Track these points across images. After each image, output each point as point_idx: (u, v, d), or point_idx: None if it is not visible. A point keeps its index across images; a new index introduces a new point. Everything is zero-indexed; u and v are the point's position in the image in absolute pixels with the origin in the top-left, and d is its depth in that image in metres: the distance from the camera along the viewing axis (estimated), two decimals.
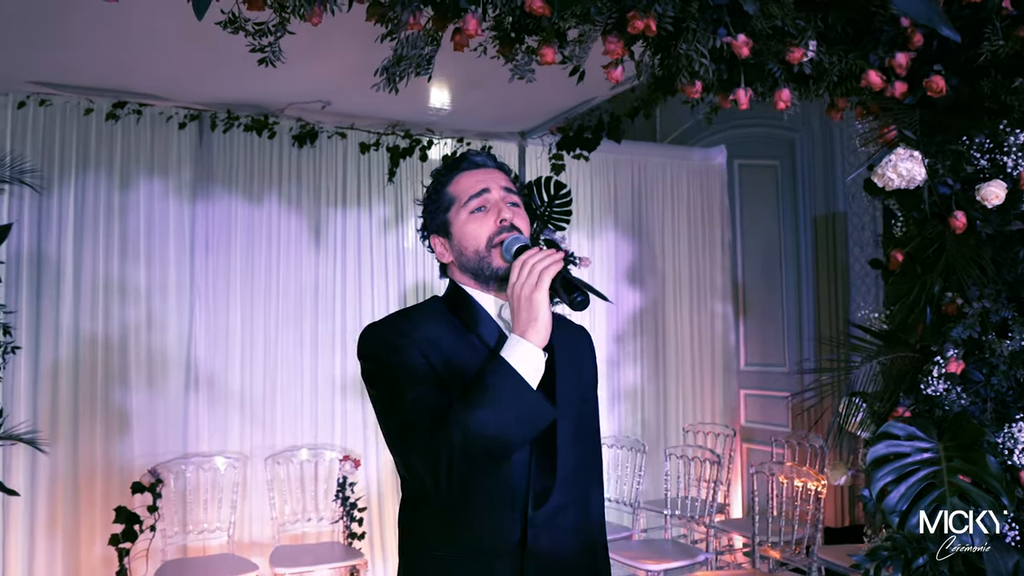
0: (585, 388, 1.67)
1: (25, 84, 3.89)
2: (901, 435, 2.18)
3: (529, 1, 1.83)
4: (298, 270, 4.67)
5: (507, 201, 1.57)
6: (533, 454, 1.50)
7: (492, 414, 1.36)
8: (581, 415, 1.62)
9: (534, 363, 1.40)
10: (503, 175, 1.63)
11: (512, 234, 1.53)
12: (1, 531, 3.97)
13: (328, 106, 4.19)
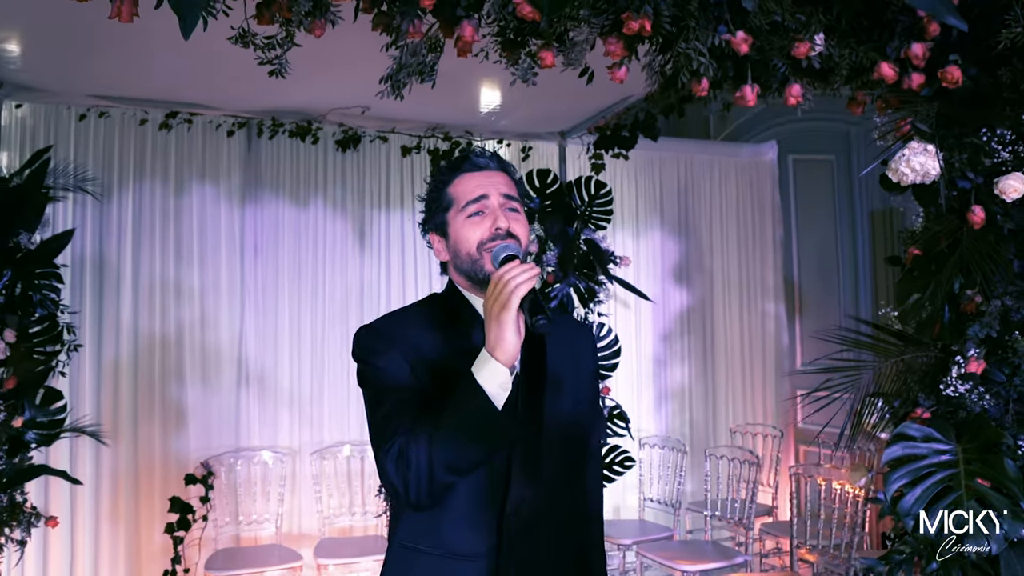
0: (580, 390, 1.66)
1: (85, 97, 4.11)
2: (918, 436, 2.13)
3: (519, 7, 1.86)
4: (343, 271, 4.80)
5: (506, 207, 1.57)
6: (513, 460, 1.51)
7: (455, 431, 1.40)
8: (572, 418, 1.62)
9: (499, 382, 1.40)
10: (505, 177, 1.62)
11: (504, 242, 1.53)
12: (70, 518, 4.20)
13: (368, 111, 4.29)
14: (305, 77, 3.93)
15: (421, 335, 1.56)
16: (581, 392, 1.67)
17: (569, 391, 1.63)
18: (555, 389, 1.59)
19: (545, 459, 1.55)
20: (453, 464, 1.41)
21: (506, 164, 1.68)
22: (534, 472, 1.52)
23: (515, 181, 1.67)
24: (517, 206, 1.61)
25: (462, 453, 1.41)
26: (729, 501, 4.32)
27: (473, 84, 4.01)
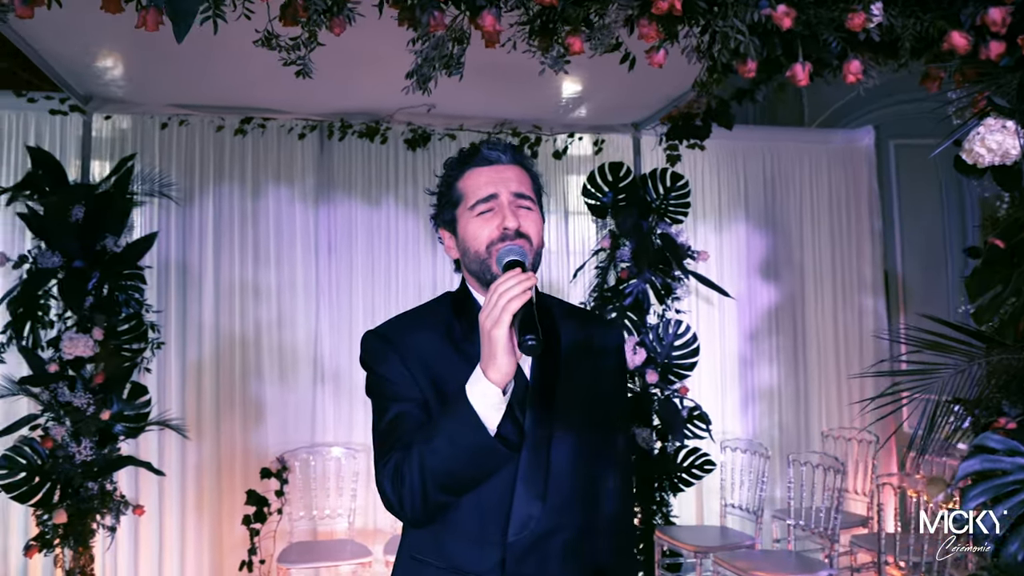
0: (599, 400, 1.55)
1: (166, 107, 4.27)
2: (1000, 449, 1.92)
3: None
4: (416, 269, 4.81)
5: (517, 205, 1.48)
6: (519, 477, 1.43)
7: (445, 450, 1.34)
8: (588, 432, 1.51)
9: (491, 401, 1.33)
10: (518, 172, 1.53)
11: (509, 243, 1.45)
12: (159, 508, 4.39)
13: (433, 109, 4.28)
14: (367, 77, 3.97)
15: (427, 339, 1.49)
16: (600, 402, 1.56)
17: (585, 402, 1.53)
18: (569, 401, 1.50)
19: (555, 475, 1.46)
20: (445, 484, 1.36)
21: (521, 156, 1.57)
22: (541, 489, 1.44)
23: (531, 174, 1.57)
24: (530, 203, 1.51)
25: (452, 474, 1.36)
26: (814, 510, 4.06)
27: (541, 77, 3.92)
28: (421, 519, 1.41)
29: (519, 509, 1.42)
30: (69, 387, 3.81)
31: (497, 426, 1.34)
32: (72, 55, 3.64)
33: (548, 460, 1.45)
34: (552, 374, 1.50)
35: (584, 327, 1.62)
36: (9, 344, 3.79)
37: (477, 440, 1.32)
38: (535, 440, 1.45)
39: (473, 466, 1.35)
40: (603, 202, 4.51)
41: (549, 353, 1.50)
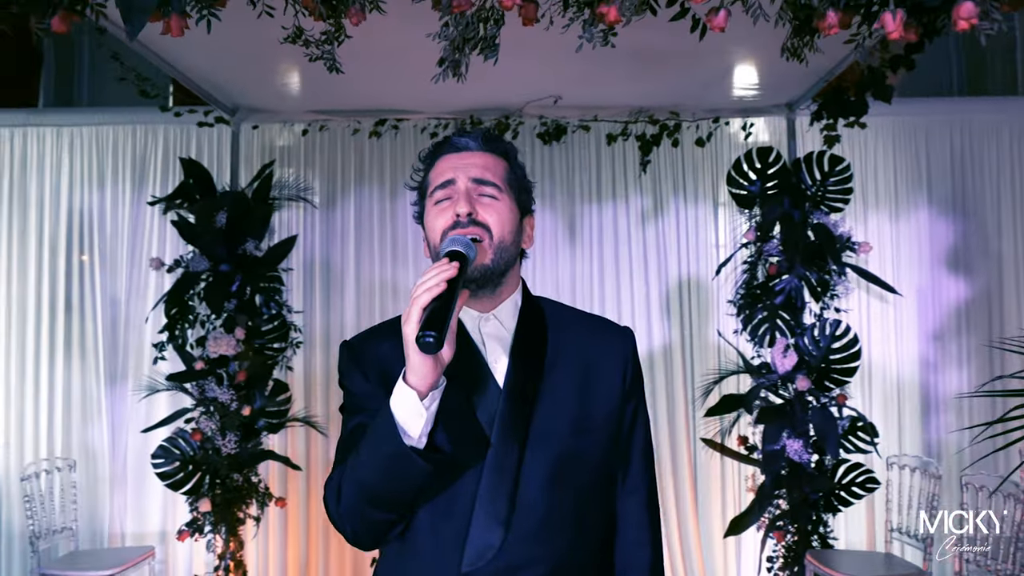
0: (588, 418, 1.34)
1: (305, 114, 4.43)
2: None
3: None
4: (554, 267, 4.67)
5: (478, 192, 1.32)
6: (477, 499, 1.25)
7: (367, 460, 1.22)
8: (570, 453, 1.30)
9: (409, 407, 1.17)
10: (485, 158, 1.36)
11: (461, 231, 1.29)
12: (306, 502, 4.58)
13: (560, 100, 4.11)
14: (493, 71, 3.87)
15: (388, 348, 1.34)
16: (589, 422, 1.34)
17: (573, 419, 1.32)
18: (550, 416, 1.30)
19: (525, 500, 1.26)
20: (371, 498, 1.23)
21: (494, 144, 1.39)
22: (504, 514, 1.25)
23: (507, 162, 1.39)
24: (493, 192, 1.33)
25: (374, 487, 1.22)
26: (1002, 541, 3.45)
27: (681, 58, 3.63)
28: (364, 540, 1.29)
29: (476, 536, 1.24)
30: (217, 382, 4.06)
31: (427, 434, 1.18)
32: (216, 71, 3.86)
33: (516, 482, 1.26)
34: (530, 384, 1.31)
35: (584, 334, 1.41)
36: (168, 343, 4.09)
37: (391, 448, 1.17)
38: (500, 458, 1.26)
39: (390, 477, 1.20)
40: (750, 191, 4.12)
41: (529, 360, 1.32)
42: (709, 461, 4.52)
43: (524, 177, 1.42)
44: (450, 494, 1.26)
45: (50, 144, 4.66)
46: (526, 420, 1.29)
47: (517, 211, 1.37)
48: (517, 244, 1.38)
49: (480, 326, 1.35)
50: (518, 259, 1.41)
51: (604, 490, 1.36)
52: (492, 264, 1.30)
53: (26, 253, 4.63)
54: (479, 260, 1.28)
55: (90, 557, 4.05)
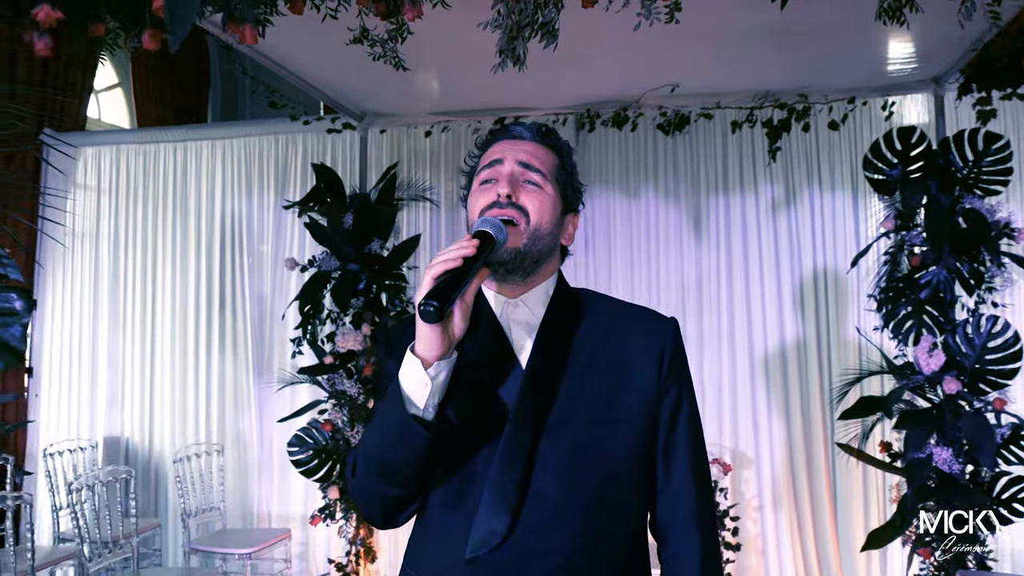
0: (615, 408, 1.28)
1: (428, 116, 4.56)
2: None
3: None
4: (679, 262, 4.51)
5: (522, 177, 1.31)
6: (487, 484, 1.23)
7: (376, 429, 1.25)
8: (590, 443, 1.25)
9: (415, 377, 1.17)
10: (537, 148, 1.35)
11: (498, 212, 1.27)
12: None
13: (677, 88, 3.96)
14: (609, 63, 3.81)
15: None
16: (620, 408, 1.28)
17: (594, 405, 1.27)
18: (575, 400, 1.26)
19: (539, 486, 1.22)
20: (378, 469, 1.25)
21: (549, 136, 1.38)
22: (513, 500, 1.21)
23: (558, 156, 1.37)
24: (537, 178, 1.32)
25: (379, 455, 1.23)
26: None
27: (800, 36, 3.41)
28: (376, 516, 1.31)
29: (481, 521, 1.22)
30: (346, 376, 4.26)
31: (433, 405, 1.18)
32: (342, 80, 4.06)
33: (527, 469, 1.22)
34: (550, 370, 1.27)
35: (619, 323, 1.35)
36: (302, 339, 4.34)
37: (396, 416, 1.18)
38: (512, 442, 1.23)
39: (394, 446, 1.20)
40: (891, 176, 3.78)
41: (554, 346, 1.29)
42: (850, 468, 4.20)
43: (574, 175, 1.40)
44: (465, 476, 1.26)
45: (206, 156, 5.08)
46: (544, 406, 1.25)
47: (560, 204, 1.35)
48: (555, 237, 1.34)
49: (508, 311, 1.33)
50: (555, 253, 1.37)
51: (631, 486, 1.30)
52: (524, 248, 1.28)
53: (187, 256, 5.07)
54: (512, 243, 1.26)
55: (233, 535, 4.38)
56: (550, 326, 1.32)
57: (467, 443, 1.25)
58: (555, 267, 1.38)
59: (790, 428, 4.31)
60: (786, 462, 4.30)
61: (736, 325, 4.41)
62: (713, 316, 4.44)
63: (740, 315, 4.41)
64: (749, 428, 4.37)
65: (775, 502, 4.32)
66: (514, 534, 1.21)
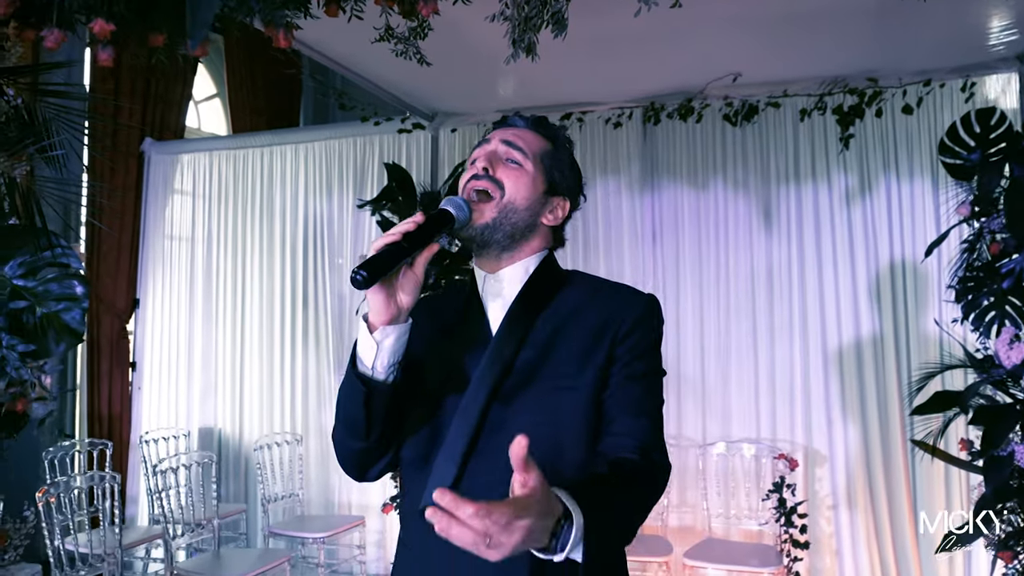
0: (575, 377, 1.31)
1: (495, 114, 4.64)
2: None
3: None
4: (748, 255, 4.42)
5: (504, 155, 1.38)
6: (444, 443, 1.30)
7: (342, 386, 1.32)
8: (540, 408, 1.30)
9: (364, 340, 1.26)
10: (527, 132, 1.42)
11: (474, 184, 1.35)
12: None
13: (740, 77, 3.89)
14: (669, 55, 3.79)
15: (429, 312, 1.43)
16: (581, 377, 1.31)
17: (554, 374, 1.31)
18: (533, 371, 1.31)
19: (488, 446, 1.27)
20: (342, 421, 1.34)
21: (543, 125, 1.46)
22: (459, 456, 1.27)
23: (550, 142, 1.43)
24: (519, 157, 1.38)
25: (341, 410, 1.33)
26: None
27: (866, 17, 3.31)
28: (347, 466, 1.40)
29: (434, 474, 1.28)
30: None
31: (385, 366, 1.26)
32: (412, 82, 4.20)
33: (479, 427, 1.28)
34: (514, 340, 1.33)
35: (595, 299, 1.39)
36: None
37: (347, 372, 1.29)
38: (468, 403, 1.29)
39: (346, 398, 1.30)
40: (969, 161, 3.60)
41: (522, 318, 1.35)
42: (931, 466, 4.01)
43: (566, 163, 1.45)
44: (433, 439, 1.32)
45: (290, 159, 5.34)
46: (500, 375, 1.30)
47: (542, 184, 1.40)
48: (533, 214, 1.39)
49: (488, 286, 1.40)
50: (536, 232, 1.41)
51: (575, 450, 1.31)
52: (494, 222, 1.34)
53: (272, 256, 5.35)
54: (479, 219, 1.33)
55: (310, 521, 4.59)
56: (521, 301, 1.37)
57: (432, 406, 1.33)
58: (538, 247, 1.42)
59: (866, 425, 4.16)
60: (862, 460, 4.15)
61: (809, 318, 4.29)
62: (784, 309, 4.34)
63: (813, 308, 4.29)
64: (823, 425, 4.24)
65: (850, 501, 4.18)
66: (459, 485, 1.26)
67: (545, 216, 1.41)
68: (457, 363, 1.34)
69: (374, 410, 1.27)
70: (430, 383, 1.33)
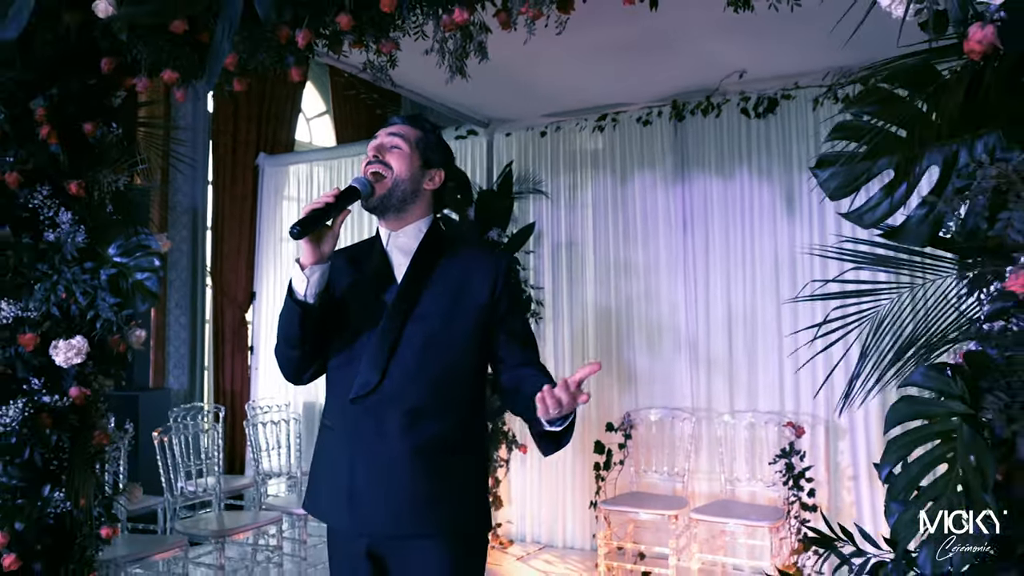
0: (458, 311, 1.86)
1: (542, 118, 5.21)
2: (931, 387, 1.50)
3: None
4: (772, 240, 4.73)
5: (389, 144, 1.91)
6: (366, 353, 1.83)
7: (282, 310, 1.89)
8: (439, 333, 1.84)
9: (297, 276, 1.82)
10: (403, 126, 1.94)
11: (369, 167, 1.88)
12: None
13: (747, 73, 4.26)
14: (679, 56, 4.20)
15: (346, 258, 1.98)
16: (455, 320, 1.86)
17: (444, 308, 1.86)
18: (430, 306, 1.86)
19: (401, 358, 1.82)
20: (282, 337, 1.89)
21: (412, 119, 1.99)
22: (383, 364, 1.82)
23: (420, 130, 1.96)
24: (399, 143, 1.91)
25: (281, 328, 1.88)
26: None
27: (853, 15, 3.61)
28: (285, 371, 1.94)
29: (361, 376, 1.82)
30: None
31: (314, 295, 1.81)
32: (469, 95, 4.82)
33: (395, 344, 1.82)
34: (417, 283, 1.87)
35: (468, 256, 1.95)
36: None
37: (286, 300, 1.84)
38: (386, 326, 1.84)
39: (283, 319, 1.86)
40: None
41: (421, 267, 1.89)
42: None
43: (435, 143, 1.97)
44: (353, 350, 1.87)
45: None
46: (410, 306, 1.86)
47: (419, 160, 1.92)
48: (416, 182, 1.90)
49: (392, 240, 1.94)
50: (421, 196, 1.93)
51: (465, 359, 1.87)
52: (388, 192, 1.88)
53: None
54: (379, 191, 1.87)
55: None
56: (421, 251, 1.91)
57: (352, 328, 1.87)
58: (426, 210, 1.95)
59: (884, 399, 4.38)
60: (879, 433, 4.38)
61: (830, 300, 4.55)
62: (806, 290, 4.62)
63: (834, 288, 4.55)
64: None
65: (870, 472, 4.40)
66: (381, 385, 1.81)
67: (426, 183, 1.93)
68: (371, 297, 1.89)
69: (306, 327, 1.84)
70: (351, 312, 1.89)
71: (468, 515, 1.84)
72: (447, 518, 1.79)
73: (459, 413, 1.87)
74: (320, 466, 1.94)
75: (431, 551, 1.78)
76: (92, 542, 2.56)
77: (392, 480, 1.78)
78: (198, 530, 3.94)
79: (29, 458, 2.40)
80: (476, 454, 1.91)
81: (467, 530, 1.84)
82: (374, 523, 1.78)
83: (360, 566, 1.82)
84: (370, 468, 1.79)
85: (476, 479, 1.89)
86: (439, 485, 1.79)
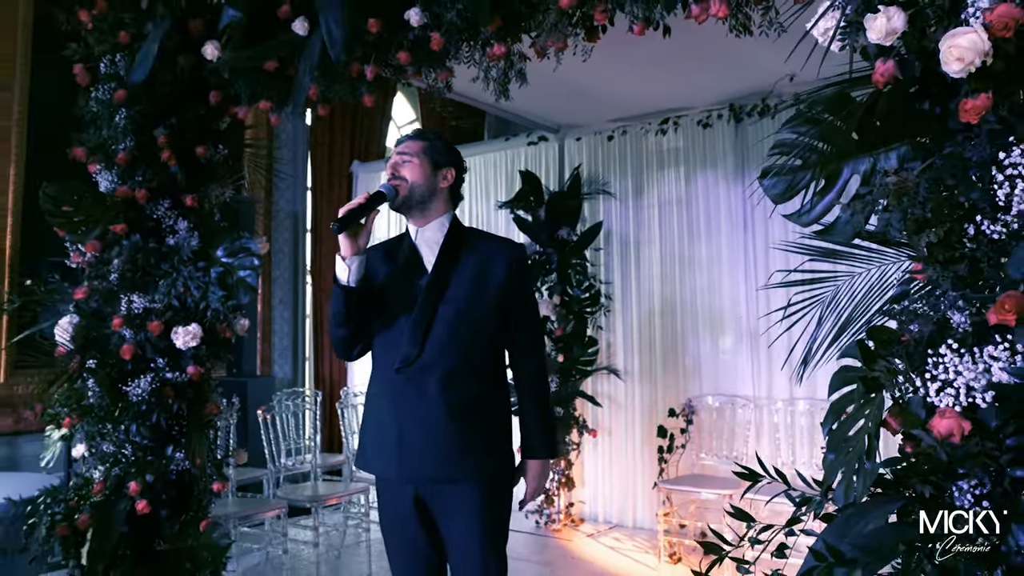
0: (482, 293, 2.25)
1: (608, 123, 5.52)
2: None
3: None
4: None
5: (401, 159, 2.30)
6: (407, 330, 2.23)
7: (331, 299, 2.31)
8: (466, 311, 2.23)
9: (340, 265, 2.22)
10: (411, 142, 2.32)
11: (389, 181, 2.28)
12: (608, 432, 5.65)
13: (795, 77, 4.45)
14: (729, 62, 4.43)
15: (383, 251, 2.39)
16: (482, 294, 2.25)
17: (470, 291, 2.25)
18: (458, 288, 2.25)
19: (436, 333, 2.22)
20: (332, 318, 2.30)
21: (417, 134, 2.39)
22: (421, 338, 2.22)
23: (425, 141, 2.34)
24: (409, 157, 2.30)
25: (332, 310, 2.29)
26: None
27: None
28: (338, 349, 2.35)
29: (402, 349, 2.23)
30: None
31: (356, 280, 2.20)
32: (541, 106, 5.22)
33: (430, 324, 2.22)
34: (446, 270, 2.27)
35: (487, 245, 2.34)
36: None
37: (333, 288, 2.25)
38: (422, 309, 2.23)
39: (335, 302, 2.25)
40: None
41: (448, 257, 2.28)
42: None
43: (441, 148, 2.36)
44: (393, 332, 2.27)
45: None
46: (441, 290, 2.26)
47: (429, 166, 2.31)
48: (431, 183, 2.30)
49: (419, 235, 2.34)
50: (439, 195, 2.32)
51: (490, 339, 2.27)
52: (407, 195, 2.27)
53: None
54: (402, 193, 2.27)
55: None
56: (447, 244, 2.30)
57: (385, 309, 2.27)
58: (445, 206, 2.34)
59: None
60: None
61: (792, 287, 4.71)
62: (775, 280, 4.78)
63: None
64: None
65: None
66: (420, 356, 2.21)
67: (440, 182, 2.32)
68: (407, 284, 2.29)
69: (351, 307, 2.26)
70: (388, 299, 2.30)
71: (494, 463, 2.24)
72: (476, 466, 2.19)
73: (485, 375, 2.25)
74: (369, 428, 2.35)
75: (465, 493, 2.19)
76: (206, 495, 3.09)
77: (433, 434, 2.18)
78: (296, 496, 4.48)
79: (156, 422, 2.94)
80: (500, 414, 2.29)
81: (494, 476, 2.24)
82: (418, 470, 2.19)
83: (408, 509, 2.24)
84: (415, 425, 2.20)
85: (501, 433, 2.28)
86: (470, 439, 2.19)
